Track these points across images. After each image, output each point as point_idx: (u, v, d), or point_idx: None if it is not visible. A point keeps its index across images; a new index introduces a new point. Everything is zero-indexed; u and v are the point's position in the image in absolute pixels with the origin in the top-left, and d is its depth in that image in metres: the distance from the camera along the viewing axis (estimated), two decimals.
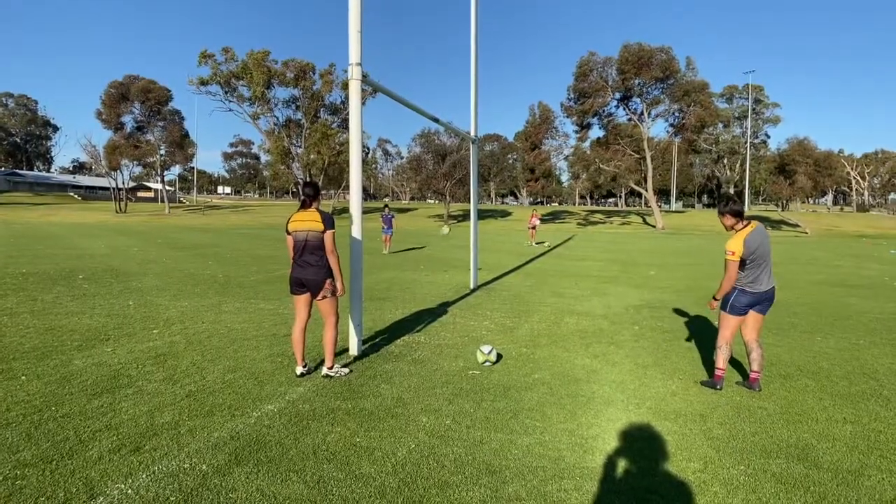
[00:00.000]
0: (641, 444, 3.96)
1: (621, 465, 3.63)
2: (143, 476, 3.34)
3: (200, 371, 5.47)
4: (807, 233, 47.49)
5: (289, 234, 5.34)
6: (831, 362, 6.15)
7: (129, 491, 3.17)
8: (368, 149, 67.51)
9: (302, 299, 5.35)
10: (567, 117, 57.31)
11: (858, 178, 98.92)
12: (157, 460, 3.54)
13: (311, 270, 5.22)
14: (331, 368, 5.35)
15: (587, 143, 59.20)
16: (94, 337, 6.74)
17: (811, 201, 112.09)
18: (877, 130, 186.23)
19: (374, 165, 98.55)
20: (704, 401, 4.86)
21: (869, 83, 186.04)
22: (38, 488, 3.18)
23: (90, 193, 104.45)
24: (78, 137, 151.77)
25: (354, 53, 6.14)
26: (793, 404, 4.81)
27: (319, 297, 5.27)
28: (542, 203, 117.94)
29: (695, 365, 5.99)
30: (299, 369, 5.35)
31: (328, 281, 5.23)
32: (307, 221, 5.23)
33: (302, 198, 5.38)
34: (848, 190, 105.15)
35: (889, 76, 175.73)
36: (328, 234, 5.21)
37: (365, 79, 6.29)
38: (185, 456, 3.61)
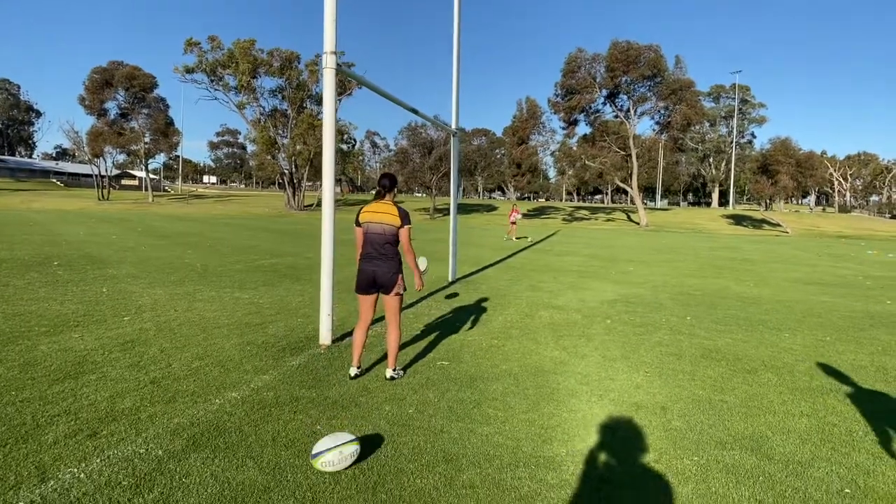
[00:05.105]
0: (599, 434, 4.00)
1: (577, 454, 3.67)
2: (97, 460, 3.32)
3: (167, 358, 5.44)
4: (788, 232, 48.04)
5: (359, 225, 5.06)
6: (795, 357, 6.24)
7: (82, 475, 3.16)
8: (355, 140, 67.09)
9: (369, 300, 5.07)
10: (554, 113, 57.24)
11: (841, 179, 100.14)
12: (112, 445, 3.53)
13: (384, 266, 4.94)
14: (394, 370, 5.13)
15: (574, 140, 59.32)
16: (63, 323, 6.68)
17: (794, 201, 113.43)
18: (860, 133, 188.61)
19: (361, 157, 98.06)
20: (667, 393, 4.92)
21: (854, 86, 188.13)
22: None
23: (73, 180, 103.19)
24: (61, 123, 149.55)
25: (329, 42, 6.11)
26: (753, 398, 4.88)
27: (393, 293, 5.00)
28: (528, 199, 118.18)
29: (661, 358, 6.05)
30: (353, 370, 5.07)
31: (400, 276, 5.01)
32: (383, 214, 4.98)
33: (377, 188, 5.16)
34: (830, 191, 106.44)
35: (873, 79, 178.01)
36: (405, 229, 4.98)
37: (339, 67, 6.27)
38: (142, 441, 3.60)
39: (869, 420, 4.42)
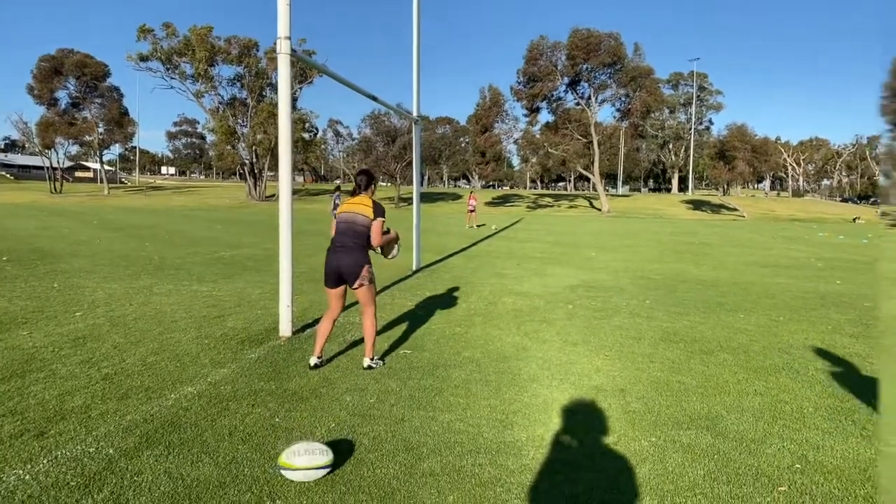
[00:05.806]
0: (560, 418, 4.03)
1: (538, 439, 3.69)
2: (44, 461, 3.21)
3: (121, 354, 5.28)
4: (744, 216, 49.31)
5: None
6: (750, 338, 6.40)
7: (27, 477, 3.04)
8: (317, 129, 66.01)
9: (337, 292, 5.02)
10: (517, 101, 57.47)
11: (794, 164, 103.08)
12: (60, 445, 3.41)
13: (348, 257, 4.86)
14: (372, 359, 5.07)
15: (537, 127, 59.64)
16: (10, 320, 6.43)
17: (750, 186, 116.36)
18: (812, 119, 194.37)
19: (323, 146, 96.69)
20: (626, 376, 4.99)
21: (807, 72, 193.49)
22: None
23: (23, 173, 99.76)
24: (8, 113, 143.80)
25: (283, 26, 5.97)
26: (709, 378, 4.98)
27: (356, 286, 4.89)
28: (493, 186, 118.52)
29: (621, 341, 6.13)
30: (314, 360, 4.98)
31: (366, 268, 4.90)
32: (357, 205, 5.01)
33: (353, 187, 5.21)
34: (784, 176, 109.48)
35: (825, 66, 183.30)
36: (377, 221, 4.95)
37: (294, 53, 6.14)
38: (92, 440, 3.48)
39: (819, 397, 4.56)
